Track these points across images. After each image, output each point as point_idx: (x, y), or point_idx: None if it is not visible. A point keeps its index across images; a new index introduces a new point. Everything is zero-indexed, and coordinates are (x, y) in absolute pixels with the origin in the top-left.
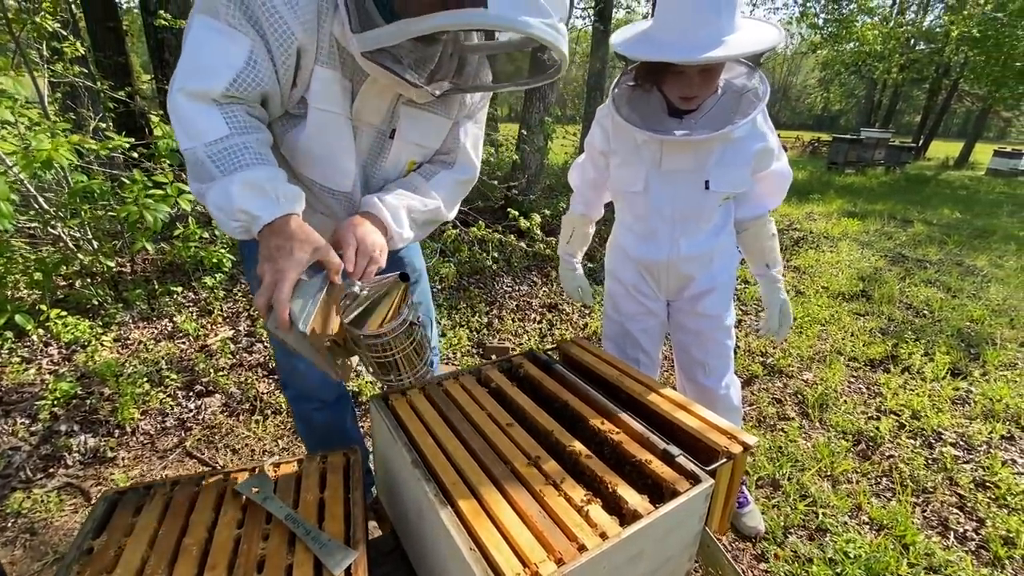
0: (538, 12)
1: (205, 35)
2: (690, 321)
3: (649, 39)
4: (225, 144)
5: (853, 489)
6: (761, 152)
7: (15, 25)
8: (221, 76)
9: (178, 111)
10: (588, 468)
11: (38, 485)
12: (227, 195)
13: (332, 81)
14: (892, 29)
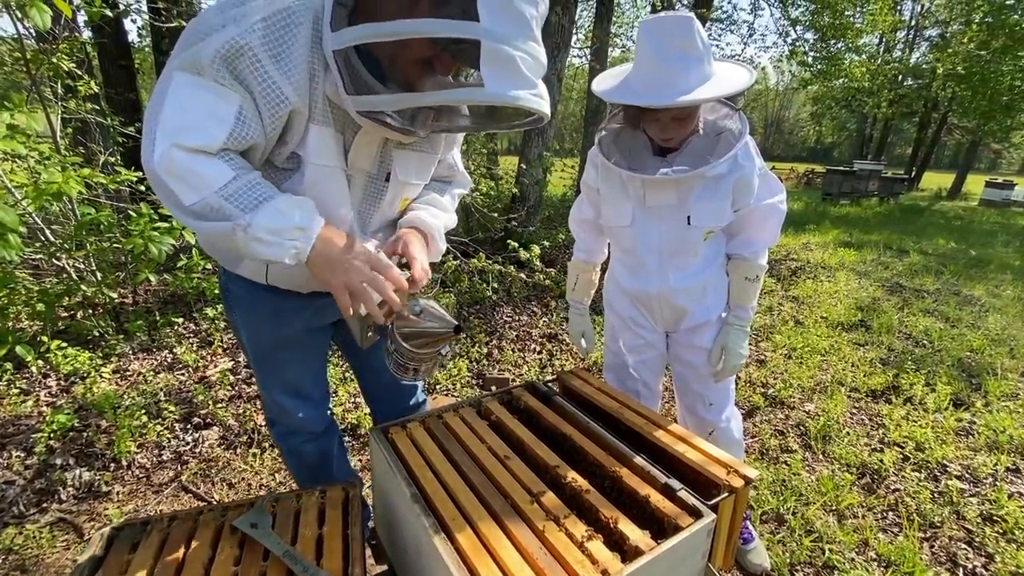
0: (526, 84)
1: (191, 92)
2: (688, 354)
3: (625, 84)
4: (238, 184)
5: (859, 524)
6: (738, 185)
7: (32, 64)
8: (216, 132)
9: (176, 167)
10: (588, 502)
11: (31, 520)
12: (280, 215)
13: (327, 137)
14: (880, 66)
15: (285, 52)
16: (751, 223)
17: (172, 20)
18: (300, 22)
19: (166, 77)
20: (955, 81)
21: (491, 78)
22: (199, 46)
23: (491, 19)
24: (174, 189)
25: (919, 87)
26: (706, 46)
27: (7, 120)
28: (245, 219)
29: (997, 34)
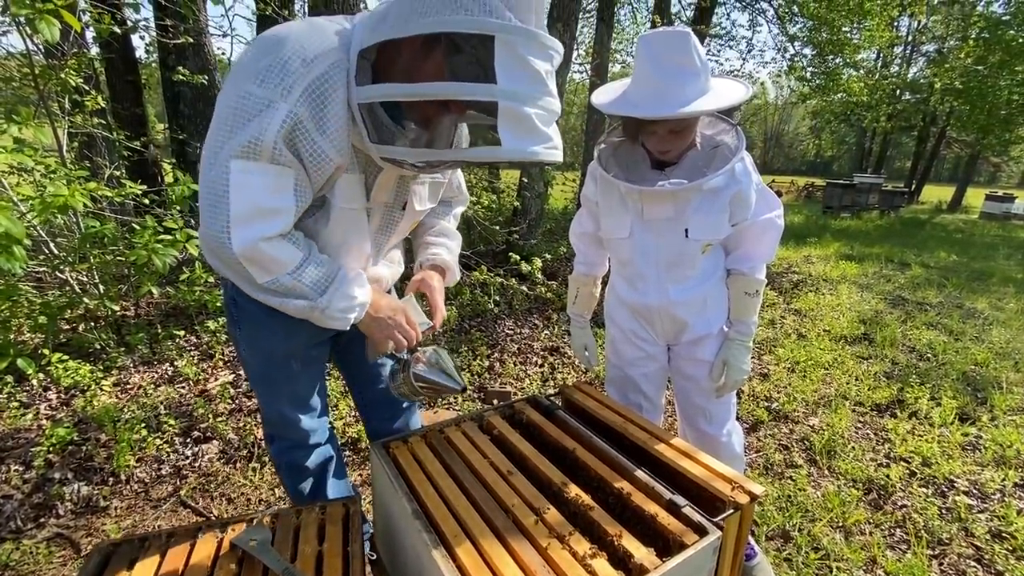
0: (541, 139)
1: (253, 180)
2: (689, 367)
3: (624, 98)
4: (307, 267)
5: (867, 541)
6: (736, 199)
7: (41, 80)
8: (285, 215)
9: (257, 255)
10: (592, 519)
11: (28, 536)
12: (348, 298)
13: (353, 182)
14: (878, 81)
15: (327, 118)
16: (748, 238)
17: (179, 36)
18: (336, 86)
19: (220, 164)
20: (953, 95)
21: (508, 137)
22: (254, 128)
23: (508, 79)
24: (250, 271)
25: (917, 101)
26: (703, 61)
27: (14, 133)
28: (322, 302)
29: (994, 49)
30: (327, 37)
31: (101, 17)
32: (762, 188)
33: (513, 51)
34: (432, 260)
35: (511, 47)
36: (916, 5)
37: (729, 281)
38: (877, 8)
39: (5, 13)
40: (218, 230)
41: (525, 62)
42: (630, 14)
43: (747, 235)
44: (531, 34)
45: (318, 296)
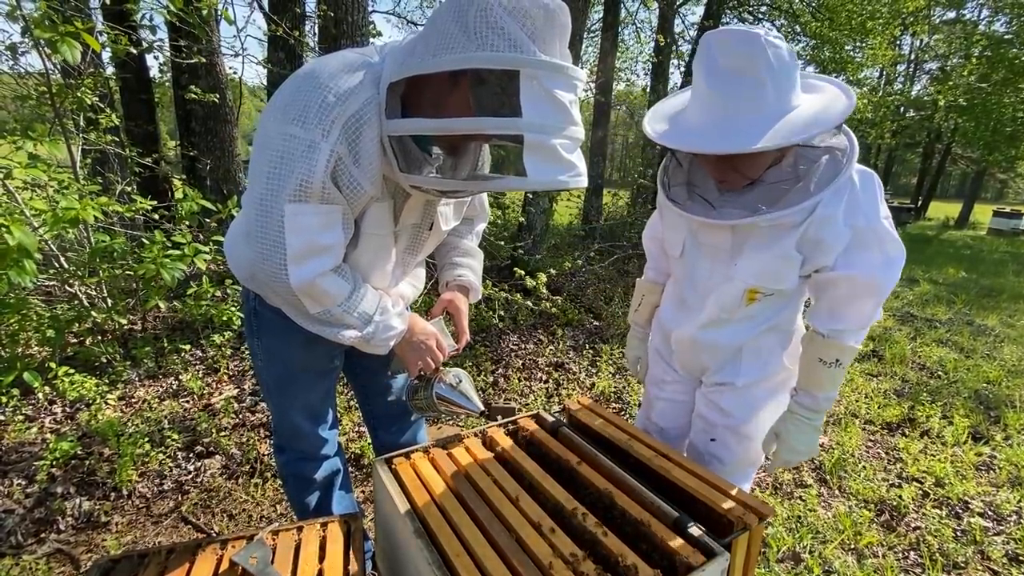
0: (566, 168)
1: (307, 221)
2: (704, 408)
3: (674, 120)
4: (354, 299)
5: (880, 564)
6: (807, 239)
7: (57, 98)
8: (337, 250)
9: (313, 290)
10: (596, 538)
11: (28, 551)
12: (390, 329)
13: (383, 210)
14: (881, 98)
15: (361, 152)
16: (835, 294)
17: (192, 56)
18: (370, 121)
19: (275, 208)
20: (957, 112)
21: (534, 168)
22: (301, 171)
23: (533, 113)
24: (304, 302)
25: (921, 118)
26: (775, 71)
27: (29, 149)
28: (368, 331)
29: (997, 67)
30: (359, 73)
31: (118, 38)
32: (873, 226)
33: (538, 85)
34: (458, 281)
35: (536, 81)
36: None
37: (805, 338)
38: (879, 27)
39: (26, 35)
40: (277, 267)
41: (550, 95)
42: (634, 33)
43: (833, 289)
44: (555, 67)
45: (364, 326)
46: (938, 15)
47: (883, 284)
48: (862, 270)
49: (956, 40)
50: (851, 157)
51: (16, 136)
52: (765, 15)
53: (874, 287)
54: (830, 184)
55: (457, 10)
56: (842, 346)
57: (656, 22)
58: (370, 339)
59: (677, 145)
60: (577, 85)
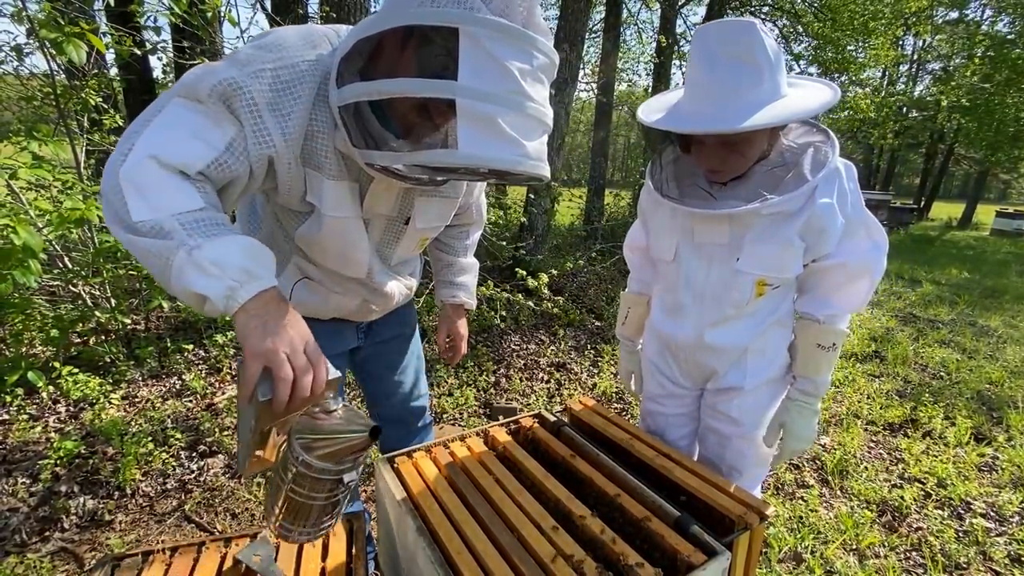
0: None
1: (186, 114)
2: (711, 418)
3: (674, 109)
4: (202, 215)
5: (881, 565)
6: (808, 227)
7: (62, 99)
8: (202, 153)
9: (142, 178)
10: (598, 538)
11: (32, 549)
12: (228, 251)
13: (343, 189)
14: (884, 98)
15: (283, 104)
16: (830, 281)
17: (195, 58)
18: (305, 81)
19: (160, 103)
20: (960, 113)
21: (465, 139)
22: (198, 79)
23: (470, 77)
24: (128, 201)
25: (924, 119)
26: (774, 59)
27: (34, 150)
28: (195, 241)
29: (1000, 68)
30: (314, 39)
31: (122, 40)
32: (859, 216)
33: (479, 46)
34: (453, 301)
35: (477, 41)
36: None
37: (798, 326)
38: (882, 27)
39: (31, 36)
40: (119, 153)
41: (494, 59)
42: (636, 34)
43: (828, 277)
44: (505, 28)
45: (187, 237)
46: (941, 15)
47: (875, 268)
48: (854, 256)
49: (959, 40)
50: (834, 149)
51: (21, 137)
52: (767, 15)
53: (867, 271)
54: (822, 170)
55: None
56: (837, 330)
57: (658, 23)
58: (196, 250)
59: (689, 128)
60: (534, 56)
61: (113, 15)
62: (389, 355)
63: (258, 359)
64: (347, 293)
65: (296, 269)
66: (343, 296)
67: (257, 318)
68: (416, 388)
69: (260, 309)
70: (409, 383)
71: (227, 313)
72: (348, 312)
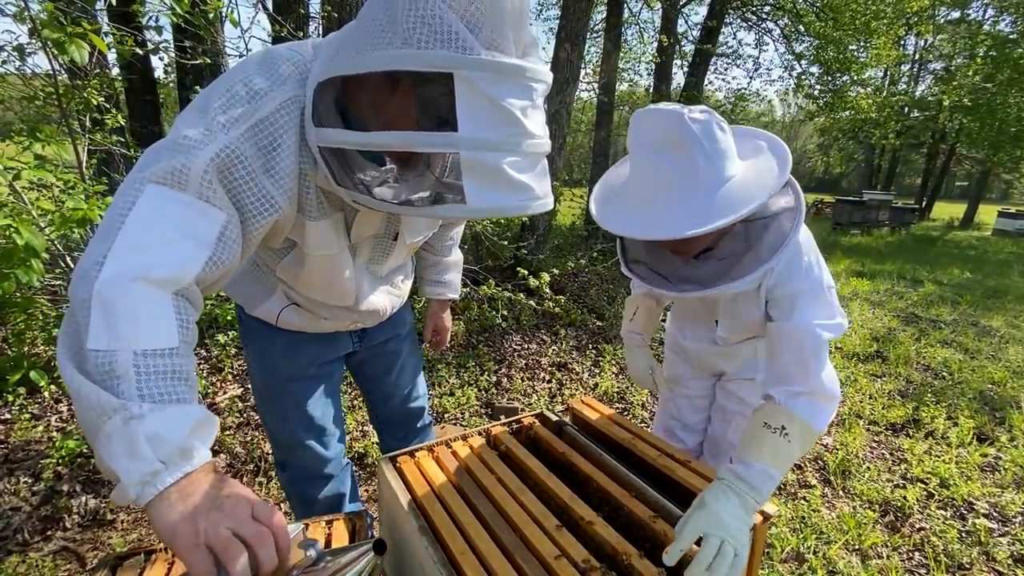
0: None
1: (165, 208)
2: (724, 399)
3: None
4: (167, 362)
5: (884, 565)
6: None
7: (64, 99)
8: (193, 254)
9: (117, 296)
10: (601, 537)
11: (34, 548)
12: (174, 426)
13: (325, 228)
14: (886, 98)
15: (276, 161)
16: (779, 347)
17: (197, 58)
18: (287, 128)
19: (130, 189)
20: (962, 112)
21: (473, 193)
22: (183, 157)
23: (471, 126)
24: (91, 321)
25: (926, 119)
26: (705, 147)
27: (36, 150)
28: (137, 407)
29: (1002, 67)
30: (280, 70)
31: (124, 39)
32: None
33: (476, 91)
34: (439, 297)
35: (474, 86)
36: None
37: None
38: (883, 27)
39: (33, 36)
40: (93, 258)
41: (493, 103)
42: (637, 34)
43: (777, 342)
44: (500, 67)
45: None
46: (943, 15)
47: (818, 336)
48: (800, 322)
49: (961, 40)
50: (798, 220)
51: (23, 137)
52: (768, 15)
53: (816, 338)
54: (779, 251)
55: None
56: (791, 414)
57: (659, 22)
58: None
59: (618, 232)
60: (533, 89)
61: (115, 15)
62: (385, 357)
63: (198, 551)
64: (334, 317)
65: (283, 295)
66: (331, 320)
67: (180, 503)
68: (414, 389)
69: (181, 493)
70: (407, 385)
71: (137, 503)
72: (340, 328)
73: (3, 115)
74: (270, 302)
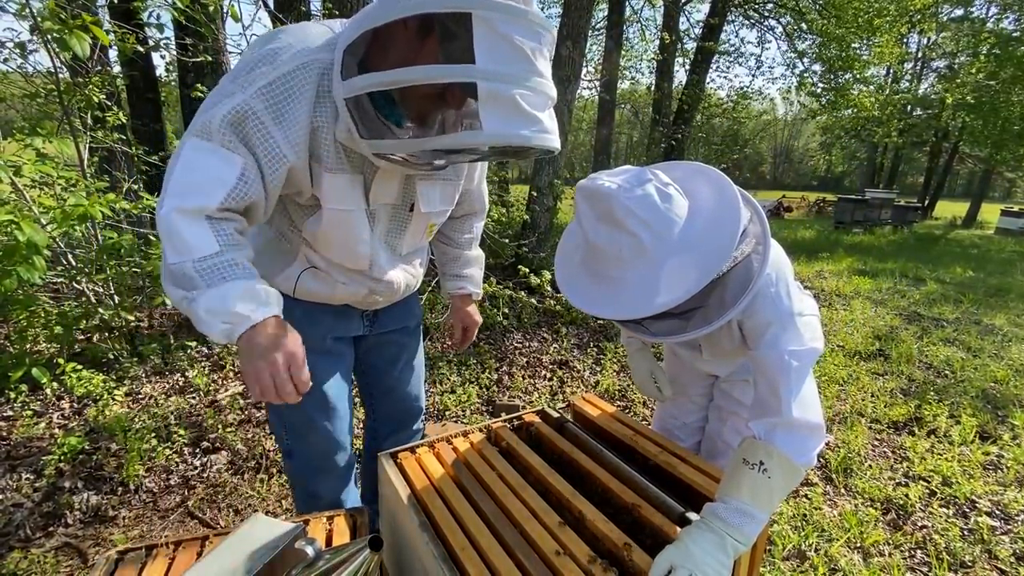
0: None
1: (197, 156)
2: (720, 398)
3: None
4: (215, 260)
5: (886, 563)
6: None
7: (65, 96)
8: (216, 193)
9: (171, 228)
10: (603, 533)
11: (36, 544)
12: (222, 299)
13: (343, 182)
14: (888, 96)
15: (287, 114)
16: (755, 377)
17: (198, 55)
18: (303, 84)
19: (181, 144)
20: (965, 110)
21: (489, 119)
22: (211, 112)
23: (487, 59)
24: (165, 246)
25: (928, 117)
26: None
27: (38, 146)
28: (193, 294)
29: (1005, 65)
30: (309, 39)
31: (125, 37)
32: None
33: (492, 28)
34: (461, 292)
35: (490, 24)
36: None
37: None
38: (886, 25)
39: (34, 32)
40: (160, 199)
41: (507, 40)
42: (639, 32)
43: (753, 373)
44: (512, 9)
45: (194, 289)
46: (946, 13)
47: (790, 364)
48: (773, 350)
49: (964, 38)
50: (765, 256)
51: (25, 135)
52: (771, 12)
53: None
54: (744, 295)
55: None
56: (769, 449)
57: (661, 20)
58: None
59: (577, 305)
60: (541, 34)
61: (116, 13)
62: (392, 347)
63: (252, 379)
64: (351, 283)
65: (304, 258)
66: (348, 285)
67: (247, 345)
68: (415, 388)
69: (250, 339)
70: (409, 382)
71: (230, 343)
72: (355, 300)
73: (5, 113)
74: (291, 267)
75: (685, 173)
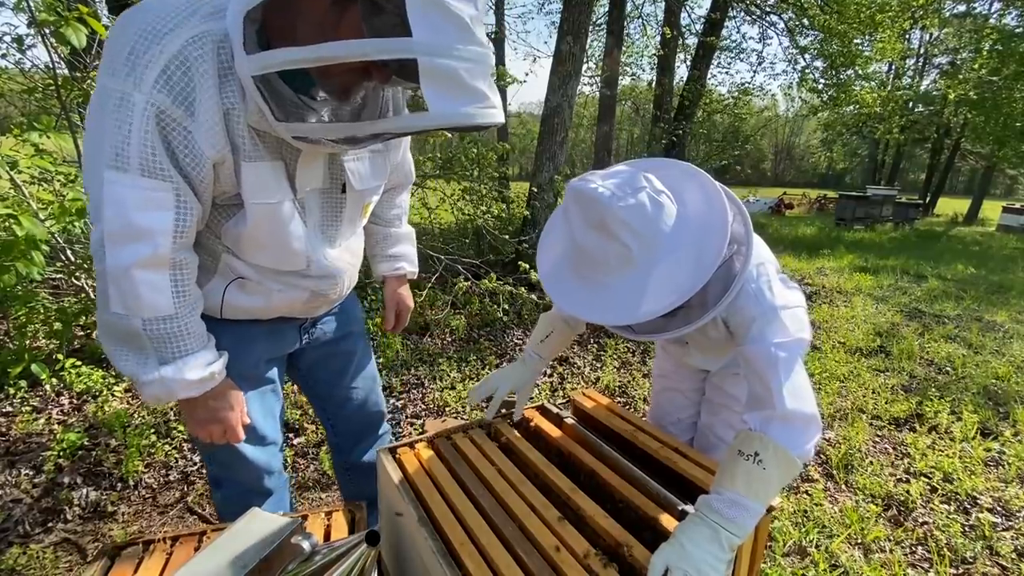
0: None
1: (121, 193)
2: (711, 392)
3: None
4: (169, 327)
5: (887, 559)
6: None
7: (64, 90)
8: (159, 237)
9: (126, 283)
10: (602, 529)
11: (35, 540)
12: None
13: (263, 171)
14: (890, 92)
15: (196, 102)
16: (745, 371)
17: None
18: (200, 60)
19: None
20: (967, 107)
21: (435, 99)
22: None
23: (425, 31)
24: (109, 291)
25: (930, 113)
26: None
27: (35, 140)
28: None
29: (1008, 61)
30: (171, 5)
31: None
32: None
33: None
34: (396, 273)
35: None
36: (928, 18)
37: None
38: (888, 21)
39: (31, 27)
40: (97, 241)
41: (442, 6)
42: (640, 27)
43: (744, 364)
44: None
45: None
46: (948, 8)
47: (778, 356)
48: (760, 344)
49: (966, 34)
50: (747, 256)
51: (22, 130)
52: (773, 8)
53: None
54: (726, 294)
55: None
56: (764, 440)
57: (662, 16)
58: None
59: (563, 307)
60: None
61: (113, 7)
62: (339, 357)
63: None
64: (288, 289)
65: (227, 269)
66: (285, 292)
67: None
68: (372, 394)
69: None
70: (364, 389)
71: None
72: (294, 309)
73: (3, 110)
74: (212, 282)
75: (676, 176)
